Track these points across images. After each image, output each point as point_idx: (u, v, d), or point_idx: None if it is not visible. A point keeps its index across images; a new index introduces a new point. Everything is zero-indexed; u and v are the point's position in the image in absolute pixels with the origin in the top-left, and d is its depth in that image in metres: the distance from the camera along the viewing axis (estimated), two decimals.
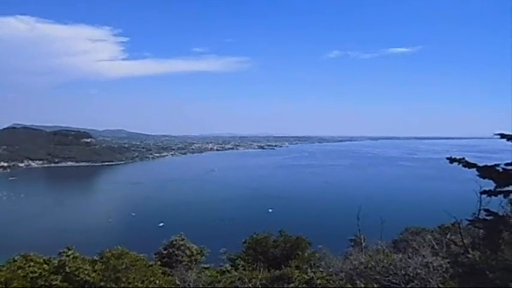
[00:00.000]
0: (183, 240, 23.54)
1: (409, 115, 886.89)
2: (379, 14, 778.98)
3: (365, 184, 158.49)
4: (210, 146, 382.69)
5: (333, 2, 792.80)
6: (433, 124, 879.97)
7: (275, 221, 74.60)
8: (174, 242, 23.27)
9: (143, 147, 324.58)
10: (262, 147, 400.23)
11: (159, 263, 17.30)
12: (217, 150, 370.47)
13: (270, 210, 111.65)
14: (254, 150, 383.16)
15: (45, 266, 12.64)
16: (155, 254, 23.41)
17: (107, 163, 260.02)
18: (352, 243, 26.41)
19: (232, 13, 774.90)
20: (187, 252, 22.84)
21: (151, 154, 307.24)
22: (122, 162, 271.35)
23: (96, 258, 13.77)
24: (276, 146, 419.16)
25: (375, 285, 10.97)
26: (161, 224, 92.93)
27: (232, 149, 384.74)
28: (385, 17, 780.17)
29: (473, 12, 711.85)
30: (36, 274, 12.03)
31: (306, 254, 19.70)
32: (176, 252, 22.76)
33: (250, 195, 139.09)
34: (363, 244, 19.76)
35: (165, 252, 23.07)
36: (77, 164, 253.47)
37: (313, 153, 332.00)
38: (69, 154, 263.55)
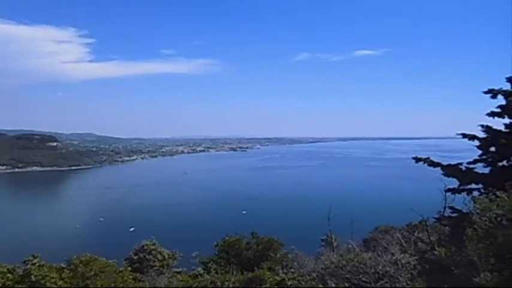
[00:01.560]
0: (154, 244, 23.20)
1: (376, 116, 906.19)
2: (346, 16, 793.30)
3: (335, 184, 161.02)
4: (181, 148, 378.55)
5: (301, 6, 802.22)
6: (400, 125, 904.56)
7: (249, 222, 74.64)
8: (145, 247, 22.91)
9: (112, 151, 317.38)
10: (233, 149, 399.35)
11: (129, 268, 16.89)
12: (189, 152, 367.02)
13: (244, 212, 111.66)
14: (226, 152, 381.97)
15: (9, 275, 12.13)
16: (125, 260, 22.95)
17: (74, 167, 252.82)
18: (324, 243, 26.77)
19: (201, 15, 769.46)
20: (159, 256, 22.54)
21: (120, 158, 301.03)
22: (90, 166, 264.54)
23: (63, 265, 13.31)
24: (247, 147, 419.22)
25: (346, 285, 11.14)
26: (132, 229, 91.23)
27: (203, 151, 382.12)
28: (352, 20, 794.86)
29: (437, 17, 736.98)
30: (0, 284, 11.55)
31: (278, 255, 19.75)
32: (147, 257, 22.41)
33: (224, 197, 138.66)
34: (334, 244, 20.08)
35: (135, 257, 22.67)
36: (42, 169, 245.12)
37: (284, 155, 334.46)
38: (34, 159, 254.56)
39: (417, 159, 17.97)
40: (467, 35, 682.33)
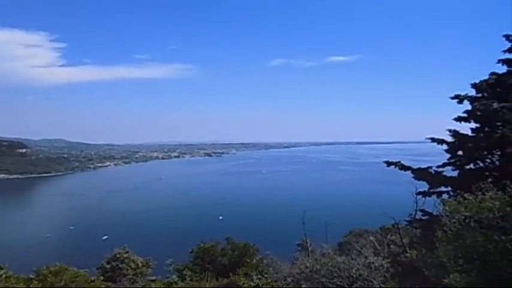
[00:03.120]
0: (127, 252, 22.75)
1: (350, 121, 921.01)
2: (319, 23, 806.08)
3: (310, 189, 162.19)
4: (155, 154, 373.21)
5: (274, 12, 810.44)
6: (374, 129, 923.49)
7: (226, 228, 74.20)
8: (118, 255, 22.42)
9: (84, 157, 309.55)
10: (209, 155, 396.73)
11: (101, 278, 16.53)
12: (163, 158, 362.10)
13: (221, 218, 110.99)
14: (201, 157, 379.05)
15: None
16: (98, 269, 22.44)
17: (44, 174, 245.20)
18: (300, 248, 26.91)
19: (176, 20, 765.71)
20: (132, 265, 22.10)
21: (92, 164, 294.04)
22: (61, 173, 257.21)
23: (31, 276, 12.90)
24: (223, 153, 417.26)
25: None
26: (105, 237, 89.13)
27: (178, 157, 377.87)
28: (325, 26, 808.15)
29: (407, 24, 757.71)
30: None
31: (254, 261, 19.72)
32: (120, 265, 21.94)
33: (200, 203, 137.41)
34: (310, 248, 20.17)
35: (108, 266, 22.17)
36: (10, 177, 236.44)
37: (260, 160, 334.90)
38: (2, 166, 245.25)
39: (388, 163, 18.38)
40: (439, 41, 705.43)
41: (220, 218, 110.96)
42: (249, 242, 21.01)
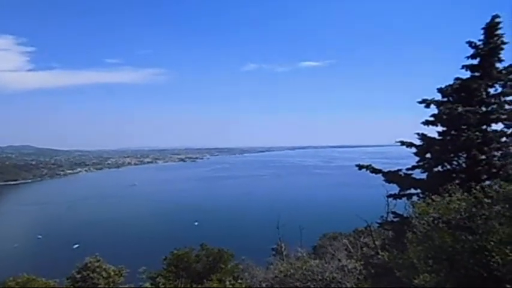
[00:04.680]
0: (98, 261, 22.22)
1: (324, 125, 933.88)
2: (290, 29, 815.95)
3: (285, 193, 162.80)
4: (128, 160, 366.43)
5: (245, 16, 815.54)
6: (348, 133, 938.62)
7: (201, 234, 73.47)
8: (89, 264, 21.88)
9: (53, 164, 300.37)
10: (183, 160, 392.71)
11: None
12: (136, 164, 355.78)
13: (196, 223, 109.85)
14: (175, 163, 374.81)
15: None
16: (68, 279, 21.87)
17: (11, 182, 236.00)
18: (274, 252, 26.95)
19: (148, 25, 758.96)
20: (104, 274, 21.60)
21: (62, 171, 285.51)
22: (29, 180, 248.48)
23: None
24: (197, 158, 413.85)
25: None
26: (76, 246, 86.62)
27: (151, 162, 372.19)
28: (297, 31, 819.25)
29: (379, 30, 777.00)
30: None
31: (229, 267, 19.59)
32: (91, 275, 21.40)
33: (175, 209, 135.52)
34: (284, 252, 20.25)
35: (78, 276, 21.59)
36: None
37: (234, 165, 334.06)
38: None
39: (360, 167, 18.71)
40: (409, 46, 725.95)
41: (196, 223, 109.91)
42: (225, 247, 20.88)
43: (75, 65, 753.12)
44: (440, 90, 17.34)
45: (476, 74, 17.06)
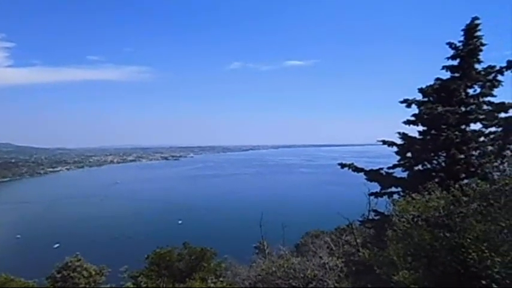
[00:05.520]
0: (79, 260, 21.96)
1: (308, 124, 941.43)
2: (276, 27, 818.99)
3: (268, 191, 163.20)
4: (110, 158, 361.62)
5: (230, 15, 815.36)
6: (331, 132, 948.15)
7: (185, 233, 73.18)
8: (69, 264, 21.61)
9: (33, 162, 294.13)
10: (166, 158, 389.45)
11: None
12: (118, 162, 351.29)
13: (180, 222, 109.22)
14: (158, 161, 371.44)
15: None
16: (47, 279, 21.54)
17: None
18: (257, 250, 27.01)
19: (131, 22, 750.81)
20: (85, 273, 21.38)
21: (43, 169, 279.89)
22: (7, 179, 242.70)
23: None
24: (180, 156, 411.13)
25: None
26: (56, 245, 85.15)
27: (134, 161, 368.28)
28: (282, 31, 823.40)
29: (363, 30, 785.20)
30: None
31: (212, 265, 19.50)
32: (72, 274, 21.15)
33: (158, 207, 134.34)
34: (267, 250, 20.30)
35: (58, 275, 21.31)
36: None
37: (218, 163, 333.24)
38: None
39: (342, 165, 18.89)
40: (393, 46, 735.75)
41: (180, 222, 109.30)
42: (208, 245, 20.77)
43: (56, 62, 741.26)
44: (421, 90, 17.62)
45: (456, 74, 17.39)
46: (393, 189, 17.62)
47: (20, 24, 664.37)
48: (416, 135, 17.73)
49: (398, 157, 18.37)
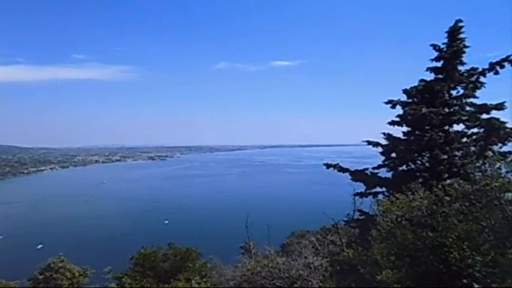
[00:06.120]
0: (62, 261, 21.60)
1: (294, 124, 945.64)
2: (263, 27, 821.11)
3: (254, 191, 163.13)
4: (95, 158, 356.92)
5: (216, 16, 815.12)
6: (317, 132, 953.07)
7: (171, 233, 72.76)
8: (52, 265, 21.24)
9: (16, 162, 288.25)
10: (152, 158, 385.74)
11: None
12: (104, 162, 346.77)
13: (166, 222, 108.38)
14: (144, 161, 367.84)
15: None
16: (29, 280, 21.18)
17: None
18: (243, 251, 26.97)
19: (117, 21, 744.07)
20: (68, 274, 21.03)
21: (26, 169, 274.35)
22: None
23: None
24: (167, 156, 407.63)
25: None
26: (40, 246, 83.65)
27: (120, 160, 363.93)
28: (269, 31, 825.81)
29: (349, 30, 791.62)
30: None
31: (197, 265, 19.37)
32: (54, 275, 20.80)
33: (144, 207, 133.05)
34: (253, 251, 20.27)
35: (41, 277, 20.94)
36: None
37: (205, 163, 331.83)
38: None
39: (328, 166, 18.98)
40: (378, 48, 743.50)
41: (166, 222, 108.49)
42: (194, 246, 20.61)
43: (41, 60, 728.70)
44: (405, 91, 17.81)
45: (440, 76, 17.62)
46: (378, 189, 17.77)
47: (5, 22, 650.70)
48: (401, 135, 17.91)
49: (383, 157, 18.54)
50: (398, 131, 17.93)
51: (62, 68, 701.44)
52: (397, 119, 17.60)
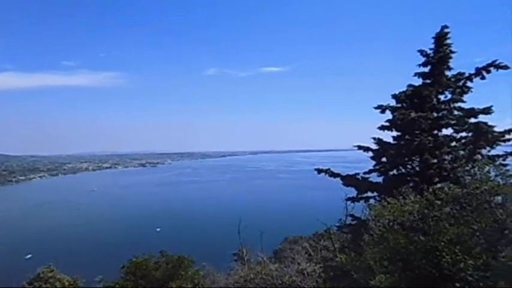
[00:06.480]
0: (52, 271, 21.24)
1: (285, 130, 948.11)
2: (252, 35, 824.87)
3: (246, 197, 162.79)
4: (86, 165, 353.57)
5: (207, 21, 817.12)
6: (309, 138, 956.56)
7: (163, 240, 71.96)
8: (41, 275, 20.88)
9: (4, 170, 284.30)
10: (143, 165, 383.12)
11: None
12: (94, 170, 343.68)
13: (158, 229, 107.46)
14: (135, 168, 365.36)
15: None
16: None
17: None
18: (236, 257, 26.83)
19: (107, 27, 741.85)
20: (58, 284, 20.68)
21: (15, 177, 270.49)
22: None
23: None
24: (158, 163, 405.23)
25: None
26: (28, 256, 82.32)
27: (110, 168, 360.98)
28: (259, 38, 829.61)
29: (339, 36, 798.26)
30: None
31: (189, 273, 19.22)
32: (44, 286, 20.45)
33: (136, 215, 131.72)
34: (246, 257, 20.18)
35: (30, 287, 20.54)
36: None
37: (196, 169, 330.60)
38: None
39: (319, 171, 19.01)
40: (372, 51, 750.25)
41: (158, 229, 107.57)
42: (186, 253, 20.47)
43: (30, 67, 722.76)
44: (394, 96, 17.96)
45: (428, 81, 17.81)
46: (369, 194, 17.83)
47: None
48: (391, 140, 18.04)
49: (373, 162, 18.63)
50: (388, 136, 18.07)
51: (51, 75, 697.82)
52: (387, 124, 17.73)
